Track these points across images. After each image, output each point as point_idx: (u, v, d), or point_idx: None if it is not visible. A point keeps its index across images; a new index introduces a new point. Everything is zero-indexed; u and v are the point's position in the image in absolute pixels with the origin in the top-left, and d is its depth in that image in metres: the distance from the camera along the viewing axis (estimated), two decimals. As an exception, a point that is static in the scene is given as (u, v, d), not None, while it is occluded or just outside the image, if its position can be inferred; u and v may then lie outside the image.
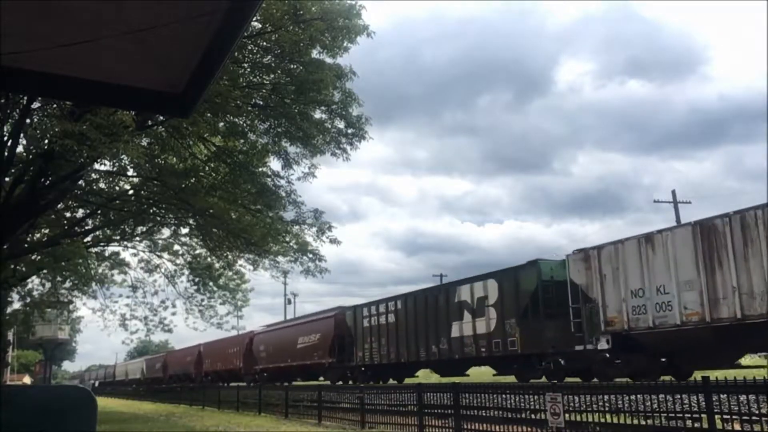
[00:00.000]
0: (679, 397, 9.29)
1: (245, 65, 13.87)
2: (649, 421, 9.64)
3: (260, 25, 12.78)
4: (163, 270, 21.32)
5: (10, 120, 13.52)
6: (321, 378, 28.40)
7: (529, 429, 11.02)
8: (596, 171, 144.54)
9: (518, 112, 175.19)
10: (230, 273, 22.08)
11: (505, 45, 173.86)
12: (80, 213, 18.81)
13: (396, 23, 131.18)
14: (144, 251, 21.01)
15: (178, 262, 21.04)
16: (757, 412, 8.53)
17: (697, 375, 9.52)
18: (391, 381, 24.01)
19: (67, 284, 21.18)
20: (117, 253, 21.60)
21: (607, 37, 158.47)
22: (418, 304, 22.16)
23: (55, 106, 12.85)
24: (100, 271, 21.67)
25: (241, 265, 20.29)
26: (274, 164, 16.62)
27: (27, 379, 59.62)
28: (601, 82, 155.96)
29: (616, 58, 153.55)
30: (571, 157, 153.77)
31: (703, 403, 8.75)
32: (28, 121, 13.39)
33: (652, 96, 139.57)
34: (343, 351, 25.63)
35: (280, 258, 17.99)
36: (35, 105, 13.05)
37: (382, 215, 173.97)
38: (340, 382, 25.40)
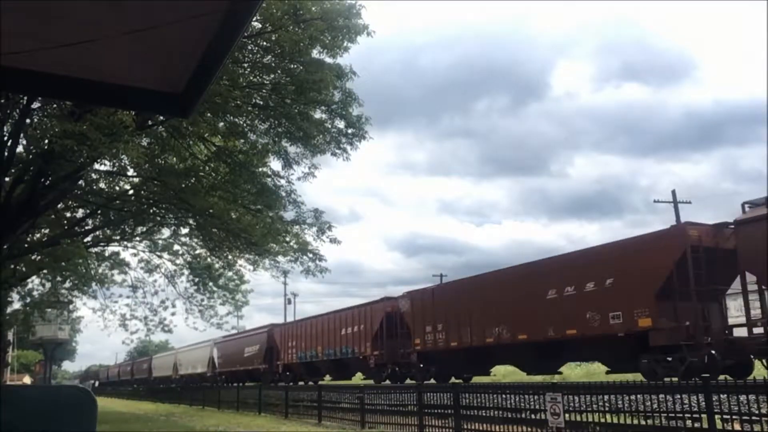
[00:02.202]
0: (679, 397, 9.29)
1: (245, 65, 13.86)
2: (649, 421, 9.64)
3: (260, 25, 12.78)
4: (163, 270, 21.34)
5: (10, 120, 13.52)
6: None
7: (529, 429, 11.01)
8: (593, 173, 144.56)
9: (516, 116, 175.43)
10: (230, 273, 22.09)
11: (503, 51, 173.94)
12: (80, 213, 18.81)
13: (395, 29, 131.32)
14: (144, 251, 21.03)
15: (178, 262, 21.05)
16: (757, 412, 8.53)
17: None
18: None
19: (67, 284, 21.15)
20: (117, 253, 21.60)
21: (603, 42, 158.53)
22: None
23: (55, 106, 12.85)
24: (100, 271, 21.64)
25: (241, 265, 20.30)
26: (274, 164, 16.62)
27: (27, 379, 59.49)
28: (597, 86, 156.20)
29: (612, 62, 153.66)
30: (568, 159, 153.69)
31: (703, 403, 8.75)
32: (28, 121, 13.39)
33: (648, 99, 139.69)
34: None
35: (280, 258, 17.98)
36: (35, 105, 13.05)
37: (381, 217, 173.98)
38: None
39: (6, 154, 13.33)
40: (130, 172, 17.14)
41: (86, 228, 18.69)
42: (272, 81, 14.18)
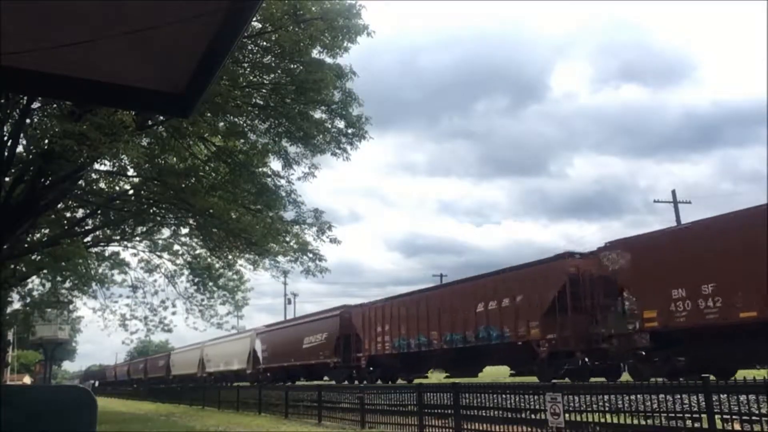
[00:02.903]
0: (679, 397, 9.30)
1: (245, 65, 13.87)
2: (649, 421, 9.64)
3: (260, 25, 12.79)
4: (163, 270, 21.39)
5: (10, 120, 13.52)
6: None
7: (529, 429, 11.01)
8: (593, 174, 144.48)
9: (515, 117, 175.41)
10: (230, 273, 22.12)
11: (502, 51, 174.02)
12: (80, 213, 18.83)
13: (395, 29, 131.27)
14: (144, 251, 21.07)
15: (178, 262, 21.09)
16: (757, 412, 8.53)
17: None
18: None
19: (67, 284, 21.21)
20: (117, 253, 21.66)
21: (603, 43, 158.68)
22: None
23: (55, 106, 12.86)
24: (100, 271, 21.70)
25: (241, 265, 20.33)
26: (275, 164, 16.64)
27: (27, 379, 59.49)
28: (596, 87, 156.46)
29: (611, 63, 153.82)
30: (568, 160, 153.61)
31: (703, 403, 8.75)
32: (28, 121, 13.40)
33: (647, 100, 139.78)
34: None
35: (280, 258, 17.99)
36: (35, 105, 13.06)
37: (381, 217, 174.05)
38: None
39: (6, 154, 13.33)
40: (130, 172, 17.17)
41: (86, 228, 18.71)
42: (272, 81, 14.19)
